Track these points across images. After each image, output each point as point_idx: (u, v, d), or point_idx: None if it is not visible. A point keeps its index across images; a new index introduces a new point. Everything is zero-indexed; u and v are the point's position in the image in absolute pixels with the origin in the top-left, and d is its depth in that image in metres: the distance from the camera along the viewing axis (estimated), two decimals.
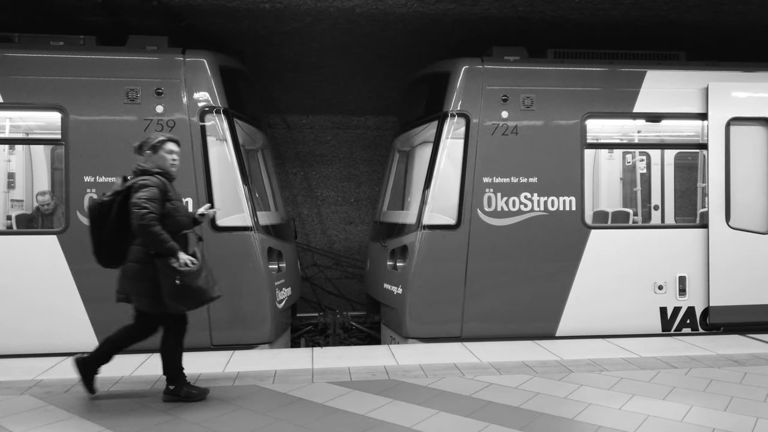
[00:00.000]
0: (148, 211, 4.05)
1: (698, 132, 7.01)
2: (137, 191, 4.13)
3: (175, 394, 4.31)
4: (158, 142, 4.36)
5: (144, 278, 4.16)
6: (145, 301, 4.21)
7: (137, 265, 4.19)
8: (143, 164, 4.32)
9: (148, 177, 4.21)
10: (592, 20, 7.33)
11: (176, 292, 4.10)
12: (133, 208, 4.07)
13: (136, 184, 4.18)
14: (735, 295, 6.70)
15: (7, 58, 6.00)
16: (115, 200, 4.21)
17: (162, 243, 4.07)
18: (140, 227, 4.05)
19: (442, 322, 6.38)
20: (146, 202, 4.07)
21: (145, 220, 4.03)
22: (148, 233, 4.05)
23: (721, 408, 4.12)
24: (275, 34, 7.60)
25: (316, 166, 9.98)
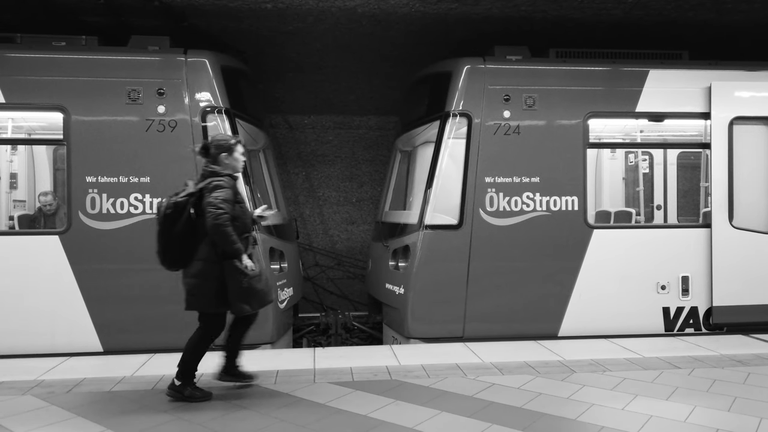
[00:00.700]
0: (223, 212, 4.11)
1: (701, 131, 6.99)
2: (211, 192, 4.18)
3: (179, 392, 4.31)
4: (233, 144, 4.43)
5: (207, 277, 4.21)
6: (205, 300, 4.25)
7: (203, 263, 4.23)
8: (212, 166, 4.36)
9: (221, 178, 4.26)
10: (594, 19, 7.31)
11: (243, 293, 4.20)
12: (209, 208, 4.12)
13: (209, 185, 4.22)
14: (738, 295, 6.68)
15: (9, 58, 6.01)
16: (189, 201, 4.24)
17: (232, 244, 4.14)
18: (215, 227, 4.10)
19: (444, 322, 6.37)
20: (222, 202, 4.13)
21: (220, 220, 4.09)
22: (222, 233, 4.11)
23: (724, 408, 4.10)
24: (277, 34, 7.59)
25: (317, 166, 9.98)
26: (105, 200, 5.94)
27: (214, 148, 4.40)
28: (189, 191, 4.26)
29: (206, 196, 4.18)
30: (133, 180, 5.98)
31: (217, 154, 4.38)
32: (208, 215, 4.11)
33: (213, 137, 4.56)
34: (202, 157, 4.45)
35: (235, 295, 4.20)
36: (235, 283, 4.18)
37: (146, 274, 5.97)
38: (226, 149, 4.40)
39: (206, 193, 4.20)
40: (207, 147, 4.43)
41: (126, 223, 5.96)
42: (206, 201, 4.16)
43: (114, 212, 5.95)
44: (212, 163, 4.38)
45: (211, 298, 4.23)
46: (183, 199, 4.23)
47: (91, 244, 5.92)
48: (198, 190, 4.25)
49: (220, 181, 4.23)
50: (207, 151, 4.42)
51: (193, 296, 4.26)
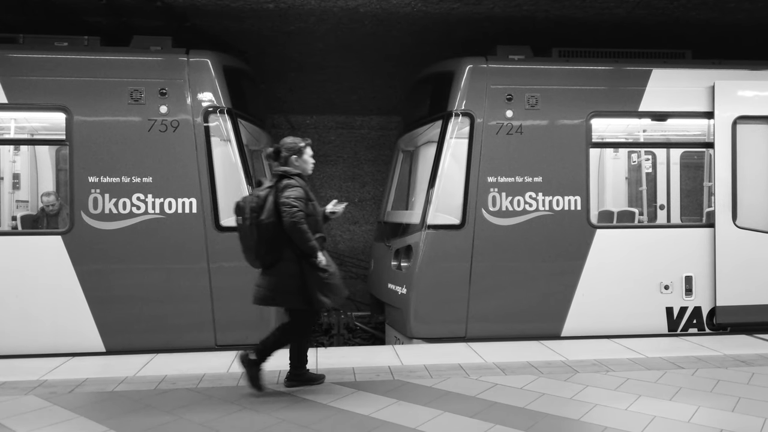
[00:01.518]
0: (298, 209, 4.27)
1: (704, 131, 6.97)
2: (283, 191, 4.33)
3: (248, 366, 4.43)
4: (303, 147, 4.59)
5: (288, 274, 4.37)
6: (287, 297, 4.41)
7: (282, 262, 4.38)
8: (283, 167, 4.51)
9: (293, 179, 4.42)
10: (597, 19, 7.30)
11: (325, 288, 4.38)
12: (284, 207, 4.27)
13: (281, 185, 4.37)
14: (742, 294, 6.65)
15: (12, 58, 6.01)
16: (270, 192, 4.39)
17: (307, 241, 4.29)
18: (291, 224, 4.24)
19: (446, 323, 6.36)
20: (295, 200, 4.28)
21: (296, 218, 4.24)
22: (298, 230, 4.25)
23: (728, 409, 4.09)
24: (279, 34, 7.60)
25: (320, 166, 9.92)
26: (107, 200, 5.95)
27: (285, 151, 4.55)
28: (267, 186, 4.44)
29: (279, 196, 4.33)
30: (136, 180, 5.98)
31: (288, 157, 4.55)
32: (284, 214, 4.26)
33: (283, 141, 4.66)
34: (272, 161, 4.62)
35: (315, 291, 4.35)
36: (314, 279, 4.34)
37: (148, 274, 6.00)
38: (296, 152, 4.56)
39: (279, 193, 4.36)
40: (278, 150, 4.57)
41: (128, 224, 5.96)
42: (280, 200, 4.31)
43: (116, 212, 5.95)
44: (282, 165, 4.54)
45: (294, 294, 4.38)
46: (264, 192, 4.40)
47: (93, 244, 5.92)
48: (273, 186, 4.43)
49: (291, 181, 4.40)
50: (278, 155, 4.57)
51: (276, 293, 4.39)
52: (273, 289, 4.41)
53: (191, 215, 6.02)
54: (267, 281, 4.44)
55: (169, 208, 6.00)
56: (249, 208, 4.38)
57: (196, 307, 6.01)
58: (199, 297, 6.00)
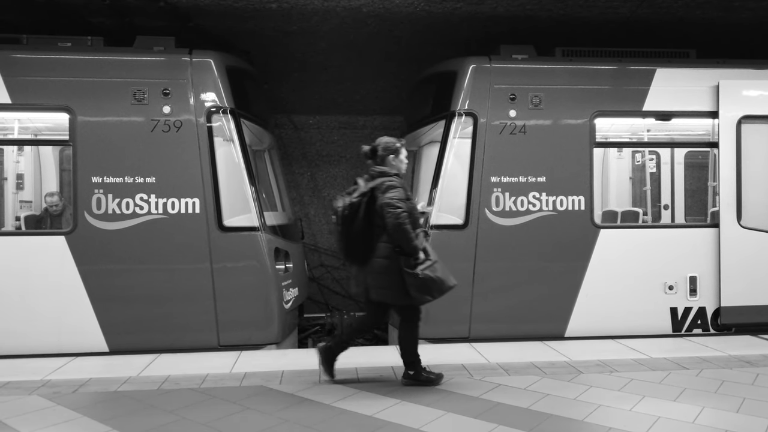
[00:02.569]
0: (402, 210, 4.32)
1: (709, 130, 6.94)
2: (385, 192, 4.38)
3: (415, 379, 4.58)
4: (399, 147, 4.68)
5: (391, 272, 4.42)
6: (391, 293, 4.47)
7: (385, 261, 4.44)
8: (380, 167, 4.58)
9: (391, 178, 4.48)
10: (600, 18, 7.28)
11: (421, 284, 4.38)
12: (387, 208, 4.32)
13: (382, 185, 4.42)
14: (747, 295, 6.62)
15: (16, 59, 6.03)
16: (362, 201, 4.44)
17: (410, 242, 4.35)
18: (396, 226, 4.30)
19: (449, 323, 6.35)
20: (398, 201, 4.35)
21: (400, 219, 4.30)
22: (402, 231, 4.31)
23: (733, 409, 4.07)
24: (282, 33, 7.60)
25: (323, 166, 9.97)
26: (111, 201, 5.95)
27: (381, 150, 4.63)
28: (362, 191, 4.48)
29: (380, 197, 4.39)
30: (139, 180, 5.99)
31: (385, 156, 4.62)
32: (387, 215, 4.32)
33: (378, 140, 4.72)
34: (368, 159, 4.68)
35: (414, 288, 4.39)
36: (412, 277, 4.36)
37: (152, 274, 6.00)
38: (393, 151, 4.64)
39: (379, 193, 4.41)
40: (375, 149, 4.64)
41: (132, 224, 5.97)
42: (382, 201, 4.37)
43: (120, 212, 5.96)
44: (379, 164, 4.61)
45: (395, 291, 4.45)
46: (357, 199, 4.45)
47: (96, 244, 5.93)
48: (369, 189, 4.46)
49: (392, 181, 4.46)
50: (374, 153, 4.64)
51: (383, 289, 4.49)
52: (370, 285, 4.52)
53: (194, 215, 6.02)
54: (363, 278, 4.57)
55: (172, 208, 6.01)
56: (341, 215, 4.48)
57: (199, 307, 6.01)
58: (202, 297, 6.00)
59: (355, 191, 4.51)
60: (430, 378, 4.62)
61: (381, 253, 4.46)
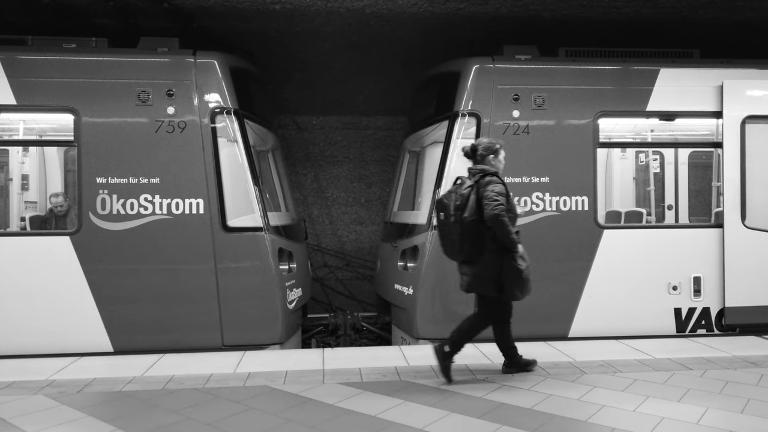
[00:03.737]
0: (500, 203, 4.48)
1: (713, 131, 6.93)
2: (486, 186, 4.56)
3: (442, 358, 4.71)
4: (498, 148, 4.86)
5: (489, 265, 4.60)
6: (485, 284, 4.65)
7: (486, 252, 4.60)
8: (480, 165, 4.75)
9: (493, 176, 4.65)
10: (604, 18, 7.27)
11: (519, 281, 4.59)
12: (487, 201, 4.49)
13: (483, 182, 4.59)
14: (751, 295, 6.60)
15: (21, 60, 6.05)
16: (470, 192, 4.60)
17: (508, 234, 4.50)
18: (493, 217, 4.45)
19: (453, 323, 6.29)
20: (497, 195, 4.50)
21: (497, 210, 4.45)
22: (500, 223, 4.46)
23: (737, 410, 4.06)
24: (285, 34, 7.61)
25: (326, 166, 9.98)
26: (115, 201, 5.98)
27: (482, 150, 4.81)
28: (469, 184, 4.65)
29: (482, 191, 4.55)
30: (143, 181, 6.01)
31: (485, 156, 4.79)
32: (486, 207, 4.48)
33: (479, 141, 4.92)
34: (468, 158, 4.87)
35: (510, 283, 4.58)
36: (512, 272, 4.55)
37: (156, 274, 6.02)
38: (493, 152, 4.81)
39: (480, 188, 4.57)
40: (475, 149, 4.82)
41: (136, 224, 5.99)
42: (483, 194, 4.53)
43: (124, 213, 5.98)
44: (478, 163, 4.78)
45: (491, 283, 4.62)
46: (466, 191, 4.61)
47: (101, 244, 5.96)
48: (475, 182, 4.63)
49: (493, 178, 4.62)
50: (474, 153, 4.81)
51: (476, 279, 4.66)
52: (474, 276, 4.67)
53: (198, 216, 6.04)
54: (470, 269, 4.70)
55: (176, 208, 6.03)
56: (453, 206, 4.60)
57: (203, 308, 6.02)
58: (206, 297, 6.02)
59: (460, 186, 4.70)
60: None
61: (489, 248, 4.62)
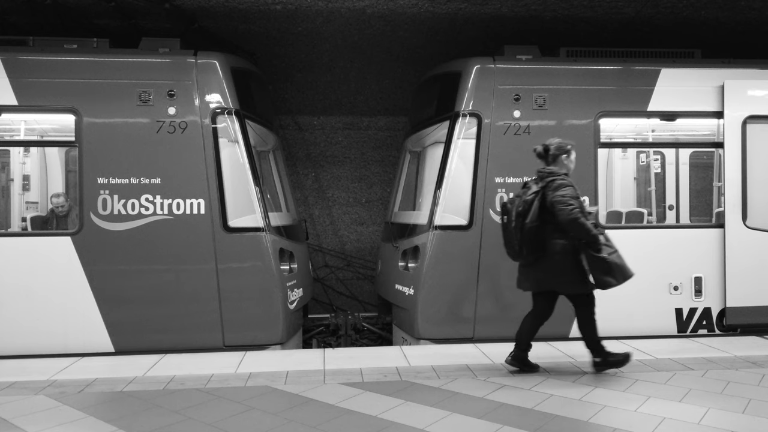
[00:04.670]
0: (574, 207, 4.57)
1: (714, 131, 6.92)
2: (556, 190, 4.62)
3: (604, 364, 4.87)
4: (570, 148, 4.94)
5: (563, 265, 4.70)
6: (570, 285, 4.78)
7: (557, 255, 4.69)
8: (550, 167, 4.82)
9: (562, 177, 4.72)
10: (605, 18, 7.27)
11: (607, 268, 4.64)
12: (560, 206, 4.57)
13: (552, 183, 4.66)
14: (752, 295, 6.60)
15: (22, 60, 6.06)
16: (535, 199, 4.69)
17: (588, 232, 4.60)
18: (571, 221, 4.54)
19: (454, 323, 6.35)
20: (570, 198, 4.59)
21: (573, 214, 4.54)
22: (578, 224, 4.56)
23: (739, 410, 4.05)
24: (286, 35, 7.62)
25: (327, 167, 9.98)
26: (116, 201, 5.98)
27: (554, 150, 4.87)
28: (534, 190, 4.72)
29: (551, 195, 4.62)
30: (144, 181, 6.01)
31: (557, 156, 4.86)
32: (560, 212, 4.56)
33: (550, 141, 4.95)
34: (540, 159, 4.93)
35: (600, 272, 4.66)
36: (599, 263, 4.63)
37: (157, 274, 6.03)
38: (565, 152, 4.89)
39: (549, 192, 4.64)
40: (547, 149, 4.88)
41: (137, 224, 6.00)
42: (554, 199, 4.60)
43: (125, 213, 5.98)
44: (550, 164, 4.86)
45: (576, 281, 4.74)
46: (530, 197, 4.69)
47: (102, 245, 5.96)
48: (540, 189, 4.70)
49: (562, 180, 4.69)
50: (547, 153, 4.88)
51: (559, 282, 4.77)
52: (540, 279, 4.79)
53: (199, 216, 6.04)
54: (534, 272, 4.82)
55: (177, 209, 6.03)
56: (516, 212, 4.70)
57: (204, 308, 6.03)
58: (207, 298, 6.02)
59: (526, 191, 4.77)
60: (618, 360, 4.88)
61: (553, 249, 4.69)
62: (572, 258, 4.71)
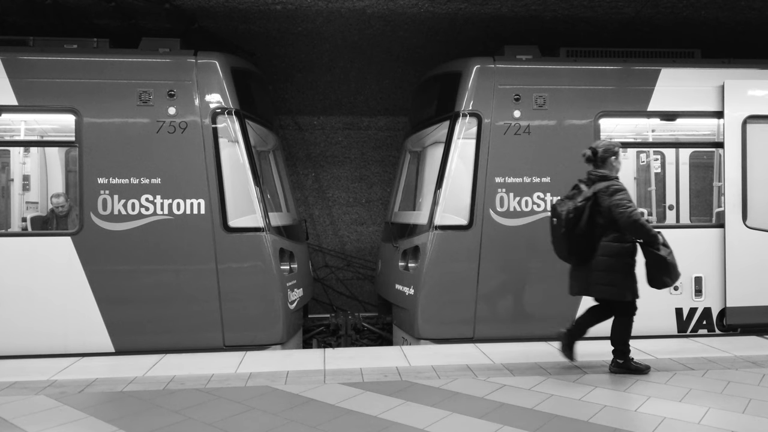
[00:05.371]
0: (633, 209, 4.64)
1: (714, 130, 6.92)
2: (612, 195, 4.68)
3: (624, 368, 4.91)
4: (618, 149, 4.98)
5: (614, 270, 4.74)
6: (615, 290, 4.79)
7: (609, 259, 4.74)
8: (601, 171, 4.87)
9: (615, 181, 4.81)
10: (605, 18, 7.28)
11: (666, 268, 4.74)
12: (618, 209, 4.63)
13: (608, 189, 4.72)
14: (752, 295, 6.60)
15: (22, 61, 6.06)
16: (586, 204, 4.73)
17: (648, 232, 4.68)
18: (632, 224, 4.61)
19: (454, 323, 6.35)
20: (628, 202, 4.67)
21: (634, 216, 4.61)
22: (639, 226, 4.64)
23: (739, 410, 4.05)
24: (287, 35, 7.62)
25: (327, 167, 9.98)
26: (116, 201, 5.98)
27: (602, 152, 4.90)
28: (586, 195, 4.76)
29: (607, 200, 4.68)
30: (144, 181, 6.01)
31: (606, 158, 4.89)
32: (620, 215, 4.62)
33: (597, 144, 5.00)
34: (588, 162, 4.95)
35: (660, 272, 4.76)
36: (660, 262, 4.71)
37: (157, 274, 6.03)
38: (614, 153, 4.92)
39: (604, 196, 4.70)
40: (595, 152, 4.91)
41: (137, 224, 6.00)
42: (611, 203, 4.66)
43: (125, 213, 5.98)
44: (599, 166, 4.89)
45: (624, 287, 4.78)
46: (582, 203, 4.73)
47: (102, 245, 5.96)
48: (592, 194, 4.74)
49: (616, 184, 4.76)
50: (595, 156, 4.91)
51: (607, 287, 4.78)
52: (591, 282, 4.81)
53: (199, 216, 6.04)
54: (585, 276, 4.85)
55: (177, 209, 6.03)
56: (566, 219, 4.73)
57: (204, 308, 6.03)
58: (207, 298, 6.02)
59: (577, 195, 4.80)
60: (639, 368, 4.90)
61: (605, 252, 4.74)
62: (622, 262, 4.75)
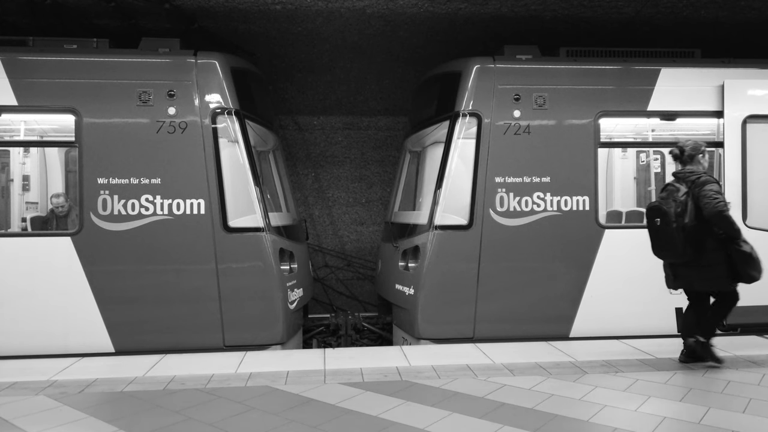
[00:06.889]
0: (720, 200, 4.75)
1: (714, 130, 6.92)
2: (702, 186, 4.83)
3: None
4: (705, 148, 5.13)
5: (716, 263, 4.88)
6: (723, 281, 4.94)
7: (712, 253, 4.89)
8: (689, 167, 5.03)
9: (705, 175, 4.93)
10: (605, 18, 7.28)
11: (753, 263, 4.86)
12: (706, 200, 4.76)
13: (699, 181, 4.87)
14: (753, 295, 6.55)
15: (22, 61, 6.06)
16: (688, 199, 4.87)
17: (732, 225, 4.79)
18: (717, 214, 4.72)
19: (454, 323, 6.35)
20: (717, 194, 4.78)
21: (719, 207, 4.72)
22: (724, 217, 4.74)
23: (739, 410, 4.05)
24: (287, 35, 7.62)
25: (327, 167, 9.98)
26: (116, 202, 5.98)
27: (690, 150, 5.07)
28: (684, 191, 4.90)
29: (697, 191, 4.82)
30: (144, 181, 6.01)
31: (694, 155, 5.06)
32: (706, 205, 4.75)
33: (683, 143, 5.15)
34: (676, 160, 5.13)
35: (746, 267, 4.85)
36: (744, 257, 4.83)
37: (157, 275, 6.03)
38: (701, 151, 5.09)
39: (696, 189, 4.84)
40: (683, 150, 5.08)
41: (137, 225, 6.00)
42: (700, 193, 4.80)
43: (125, 213, 5.99)
44: (686, 164, 5.06)
45: (724, 278, 4.92)
46: (683, 198, 4.86)
47: (102, 245, 5.96)
48: (688, 189, 4.89)
49: (707, 177, 4.90)
50: (683, 154, 5.08)
51: (708, 280, 4.94)
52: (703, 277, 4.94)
53: (199, 216, 6.04)
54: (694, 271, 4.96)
55: (177, 209, 6.03)
56: (674, 213, 4.84)
57: (204, 308, 6.03)
58: (208, 298, 6.02)
59: (674, 192, 4.91)
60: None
61: (709, 246, 4.87)
62: (725, 255, 4.88)
